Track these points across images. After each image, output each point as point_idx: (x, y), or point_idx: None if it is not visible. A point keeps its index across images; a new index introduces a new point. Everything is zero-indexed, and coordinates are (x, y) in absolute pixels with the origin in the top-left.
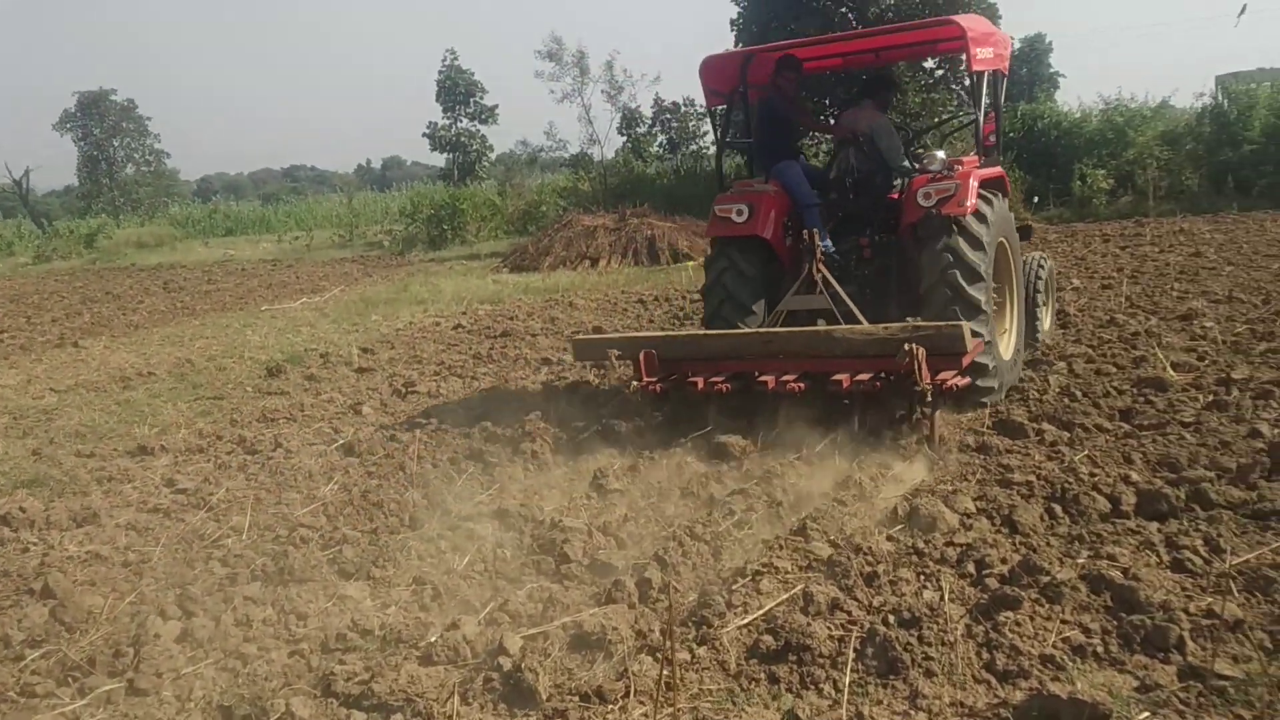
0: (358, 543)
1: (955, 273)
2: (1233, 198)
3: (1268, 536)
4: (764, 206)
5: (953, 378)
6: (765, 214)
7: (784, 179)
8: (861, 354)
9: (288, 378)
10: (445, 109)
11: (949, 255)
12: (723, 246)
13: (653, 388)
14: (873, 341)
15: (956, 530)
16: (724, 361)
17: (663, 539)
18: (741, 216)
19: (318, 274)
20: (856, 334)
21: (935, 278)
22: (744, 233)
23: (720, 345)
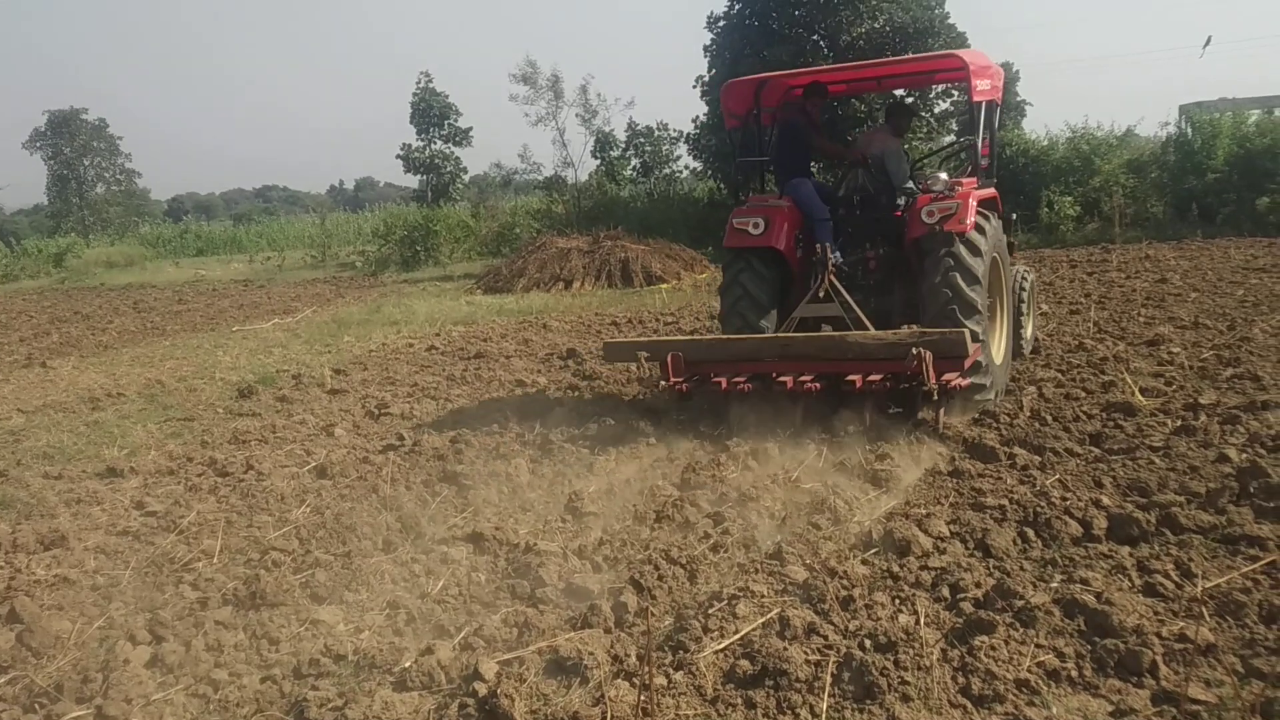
0: (330, 566)
1: (955, 275)
2: (1197, 225)
3: (1237, 561)
4: (778, 220)
5: (956, 379)
6: (779, 227)
7: (797, 195)
8: (872, 357)
9: (259, 399)
10: (419, 131)
11: (950, 260)
12: (739, 256)
13: (679, 387)
14: (883, 346)
15: (931, 554)
16: (745, 363)
17: (639, 562)
18: (757, 229)
19: (290, 294)
20: (869, 339)
21: (937, 279)
22: (759, 244)
23: (742, 348)
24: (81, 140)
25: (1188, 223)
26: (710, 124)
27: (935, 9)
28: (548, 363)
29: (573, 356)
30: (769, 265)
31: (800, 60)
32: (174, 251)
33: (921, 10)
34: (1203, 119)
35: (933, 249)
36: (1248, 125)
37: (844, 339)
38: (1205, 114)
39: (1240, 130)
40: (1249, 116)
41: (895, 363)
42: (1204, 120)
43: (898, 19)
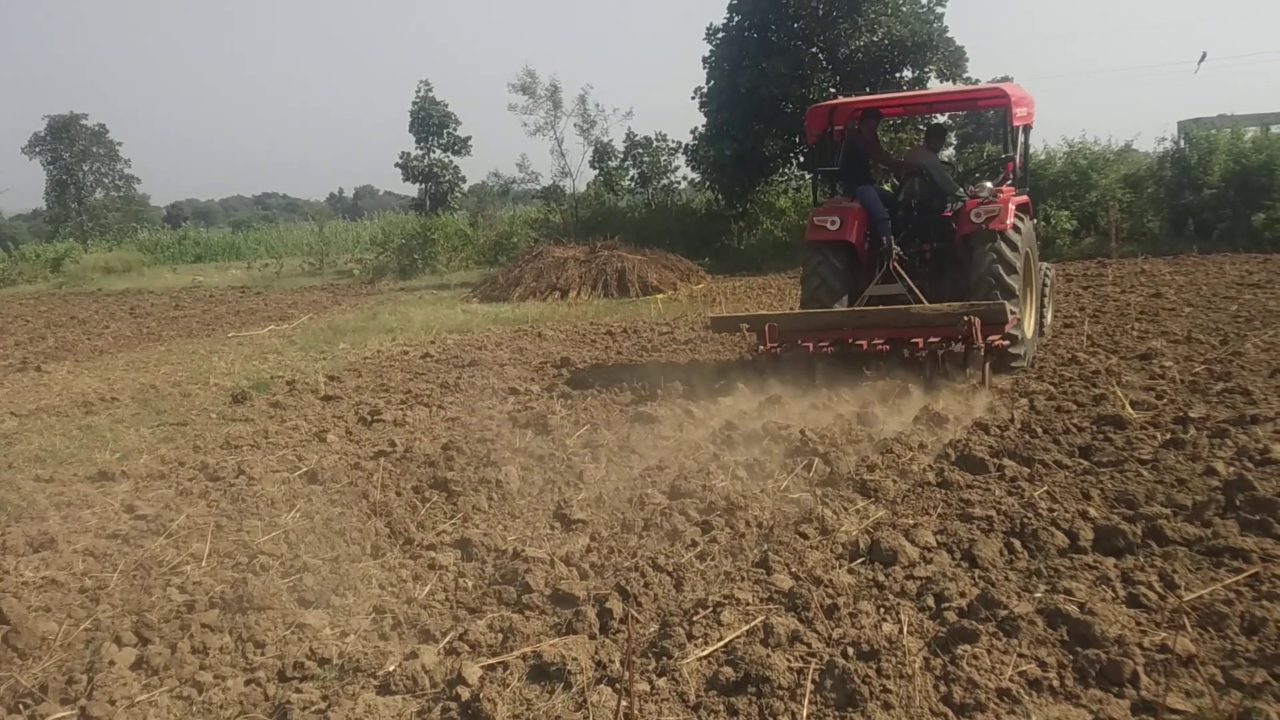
0: (318, 571)
1: (997, 265)
2: (1193, 240)
3: (1221, 573)
4: (850, 218)
5: (998, 339)
6: (851, 224)
7: (864, 199)
8: (931, 325)
9: (253, 404)
10: (418, 140)
11: (993, 253)
12: (817, 248)
13: (774, 351)
14: (940, 315)
15: (917, 563)
16: (828, 331)
17: (625, 570)
18: (834, 225)
19: (286, 301)
20: (928, 310)
21: (983, 269)
22: (835, 238)
23: (826, 320)
24: (81, 145)
25: (1184, 238)
26: (709, 135)
27: (933, 23)
28: (541, 371)
29: (566, 365)
30: (841, 255)
31: (799, 73)
32: (172, 258)
33: (920, 24)
34: (1199, 135)
35: (979, 243)
36: (1244, 142)
37: (909, 310)
38: (1203, 130)
39: (1237, 146)
40: (1245, 133)
41: (949, 328)
42: (1200, 136)
43: (896, 32)
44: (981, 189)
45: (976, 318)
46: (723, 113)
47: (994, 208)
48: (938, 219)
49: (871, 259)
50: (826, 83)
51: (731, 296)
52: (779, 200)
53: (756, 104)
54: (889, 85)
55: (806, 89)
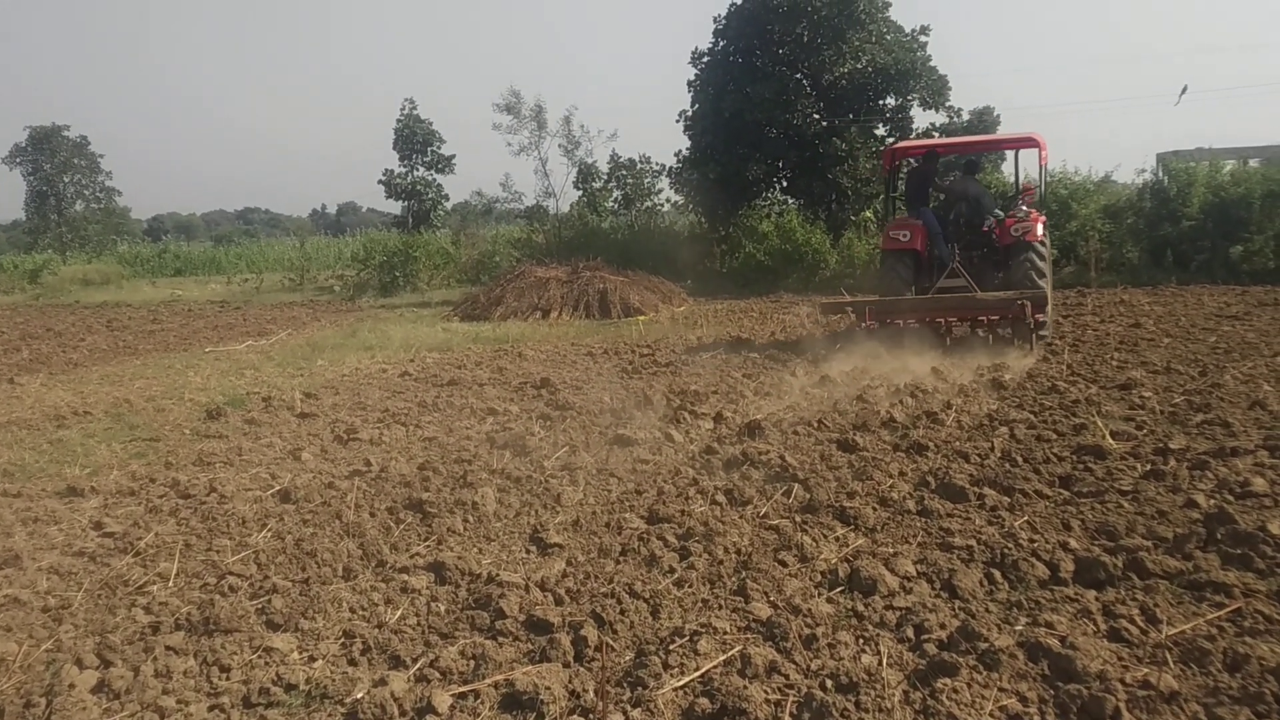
0: (288, 593)
1: (1032, 269)
2: (1171, 271)
3: (1203, 607)
4: (916, 232)
5: (1041, 316)
6: (917, 237)
7: (924, 218)
8: (991, 307)
9: (227, 421)
10: (402, 157)
11: (1028, 260)
12: (892, 254)
13: (870, 326)
14: (999, 300)
15: (896, 593)
16: (914, 312)
17: (601, 596)
18: (905, 238)
19: (265, 317)
20: (990, 297)
21: (1021, 271)
22: (906, 247)
23: (911, 304)
24: (62, 157)
25: (1162, 269)
26: (692, 158)
27: (917, 51)
28: (521, 391)
29: (546, 386)
30: (909, 260)
31: (783, 98)
32: (152, 271)
33: (904, 52)
34: (1178, 167)
35: (1018, 251)
36: (1222, 174)
37: (975, 297)
38: (1181, 162)
39: (1215, 179)
40: (1224, 166)
41: (1005, 309)
42: (1179, 168)
43: (880, 60)
44: (1019, 211)
45: (1028, 301)
46: (706, 136)
47: (1028, 224)
48: (979, 233)
49: (930, 262)
50: (810, 109)
51: (714, 319)
52: (761, 224)
53: (740, 128)
54: (872, 112)
55: (790, 114)
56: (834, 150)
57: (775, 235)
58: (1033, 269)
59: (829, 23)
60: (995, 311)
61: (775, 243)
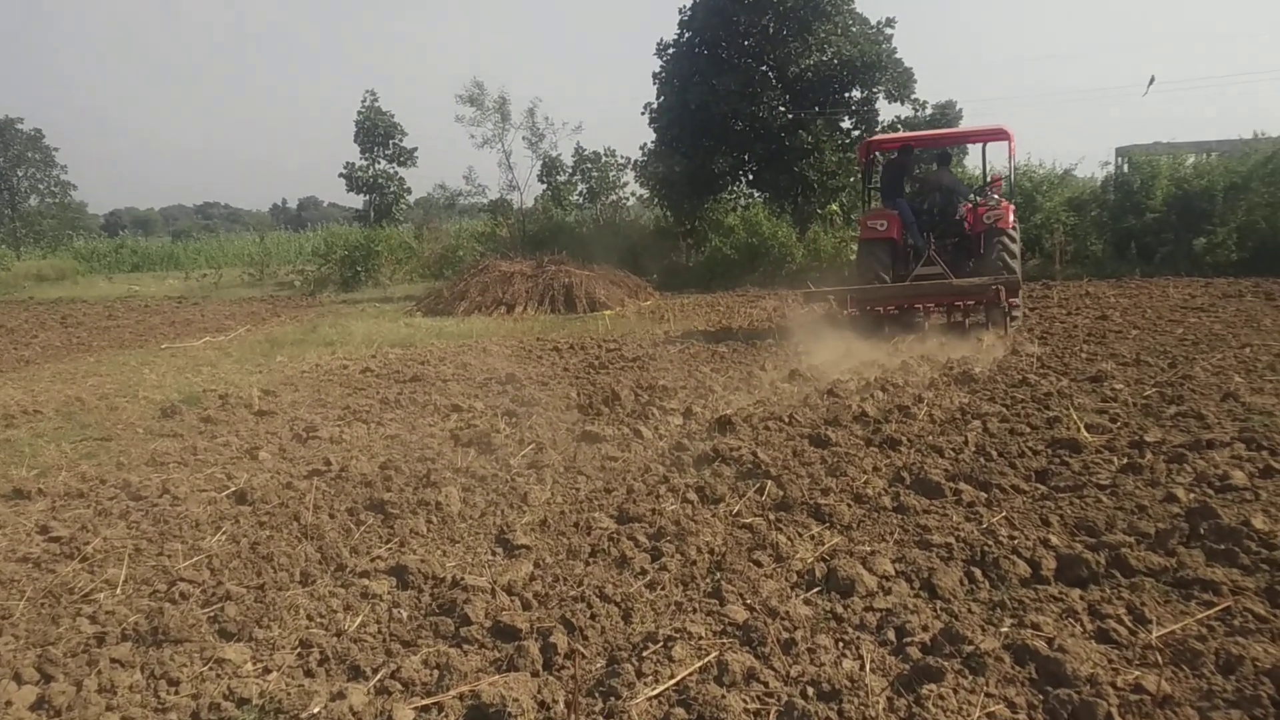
0: (242, 600)
1: (1004, 253)
2: (1135, 263)
3: (1191, 606)
4: (892, 222)
5: (1015, 301)
6: (893, 226)
7: (900, 209)
8: (967, 292)
9: (182, 419)
10: (363, 150)
11: (1000, 244)
12: (869, 243)
13: (852, 314)
14: (975, 286)
15: (875, 593)
16: (893, 299)
17: (571, 600)
18: (882, 227)
19: (224, 312)
20: (965, 283)
21: (993, 255)
22: (882, 236)
23: (890, 291)
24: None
25: (1126, 261)
26: (658, 151)
27: (882, 44)
28: (485, 387)
29: (511, 381)
30: (886, 248)
31: (749, 90)
32: (109, 266)
33: (869, 45)
34: (1142, 159)
35: (990, 238)
36: (1185, 167)
37: (952, 283)
38: (1144, 155)
39: (1178, 172)
40: (1187, 159)
41: (981, 294)
42: (1143, 161)
43: (846, 53)
44: (990, 199)
45: (1002, 287)
46: (672, 129)
47: (999, 212)
48: (952, 221)
49: (905, 251)
50: (776, 101)
51: (680, 313)
52: (727, 218)
53: (706, 121)
54: (838, 105)
55: (756, 107)
56: (800, 143)
57: (741, 229)
58: (1005, 253)
59: (795, 14)
60: (971, 297)
61: (741, 236)
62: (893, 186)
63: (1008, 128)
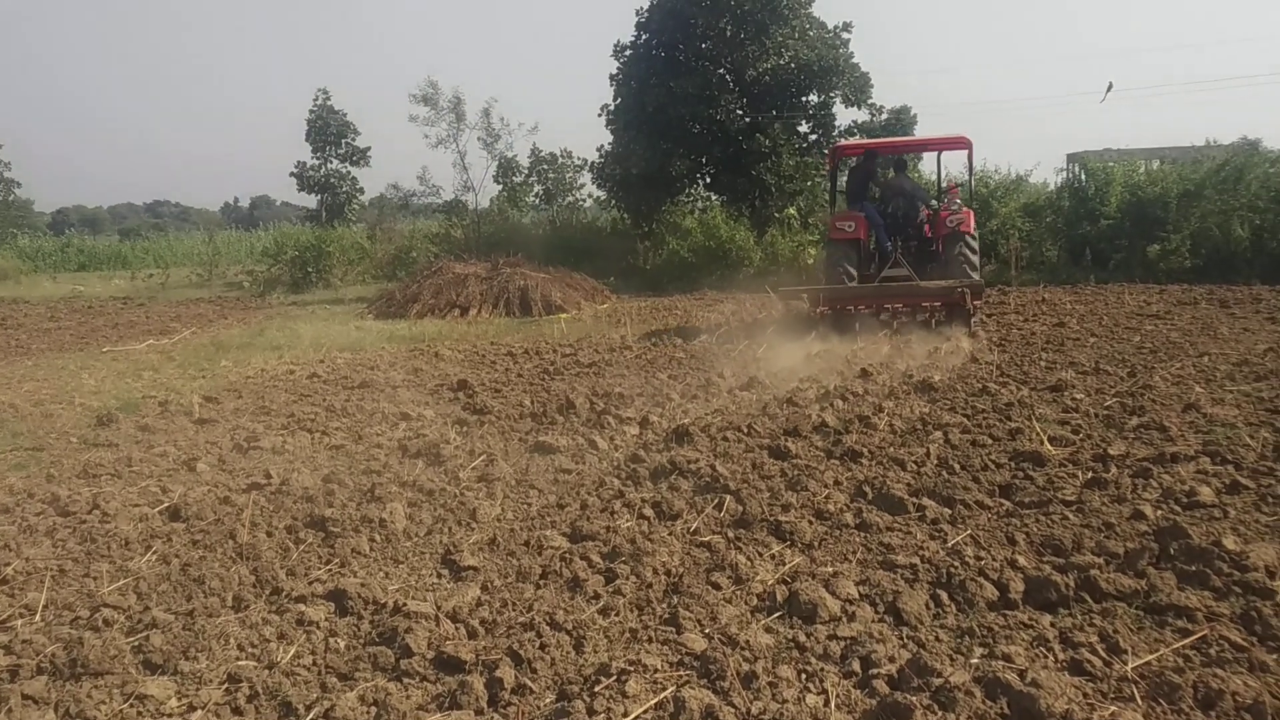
0: (169, 628)
1: (966, 256)
2: (1090, 270)
3: (1166, 634)
4: (859, 224)
5: (979, 304)
6: (860, 228)
7: (866, 212)
8: (933, 294)
9: (119, 428)
10: (315, 149)
11: (963, 246)
12: (837, 244)
13: (822, 312)
14: (940, 288)
15: (839, 619)
16: (863, 299)
17: (519, 628)
18: (850, 228)
19: (170, 314)
20: (932, 285)
21: (956, 257)
22: (850, 237)
23: (862, 290)
24: None
25: (1081, 267)
26: (615, 153)
27: (840, 49)
28: (437, 394)
29: (464, 388)
30: (854, 249)
31: (706, 93)
32: (54, 266)
33: (826, 49)
34: (1096, 166)
35: (952, 241)
36: (1139, 174)
37: (920, 285)
38: (1099, 162)
39: (1132, 179)
40: (1139, 165)
41: (947, 297)
42: (1098, 167)
43: (803, 56)
44: (952, 204)
45: (968, 289)
46: (629, 131)
47: (961, 217)
48: (915, 225)
49: (870, 252)
50: (734, 104)
51: (637, 317)
52: (685, 220)
53: (664, 123)
54: (795, 109)
55: (713, 110)
56: (758, 146)
57: (699, 232)
58: (967, 256)
59: (752, 17)
60: (937, 298)
61: (699, 239)
62: (858, 190)
63: (968, 137)
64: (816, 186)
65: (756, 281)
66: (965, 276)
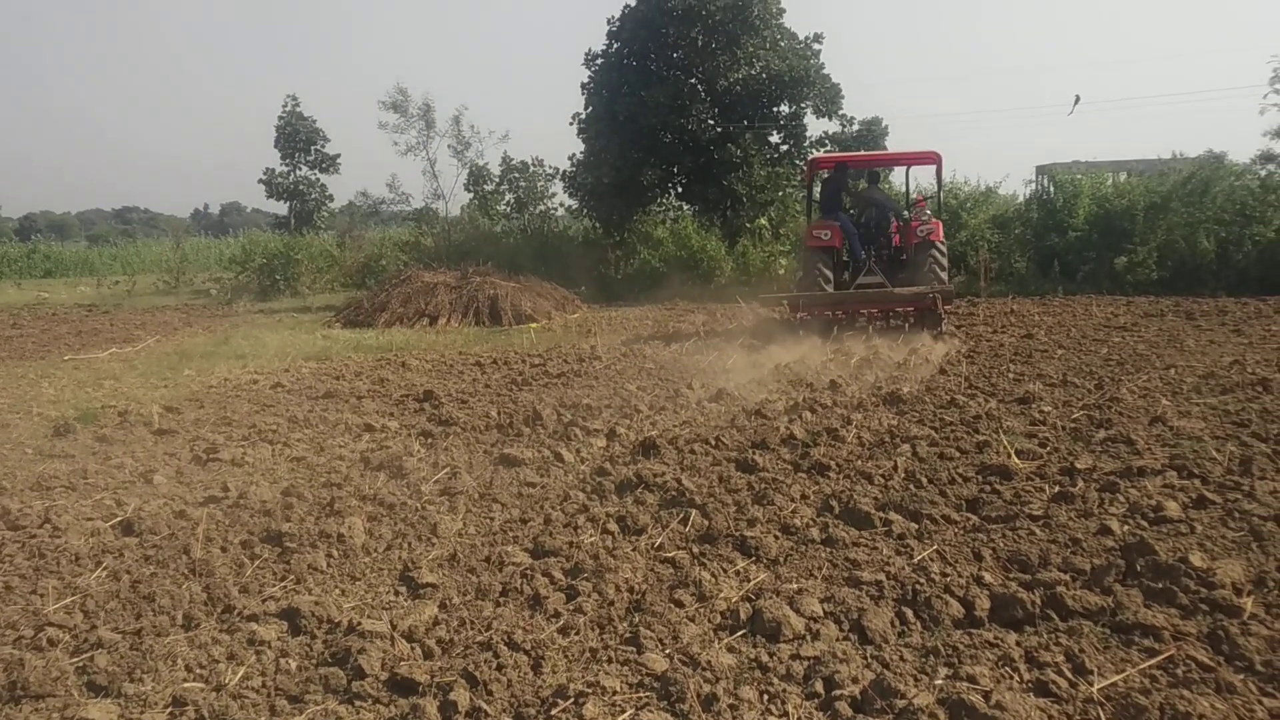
0: (115, 648)
1: (936, 264)
2: (1058, 281)
3: (1132, 653)
4: (834, 232)
5: (949, 309)
6: (836, 236)
7: (840, 222)
8: (906, 300)
9: (76, 438)
10: (284, 156)
11: (933, 255)
12: (814, 250)
13: (801, 317)
14: (913, 294)
15: (803, 637)
16: (839, 305)
17: (476, 647)
18: (827, 236)
19: (135, 322)
20: (905, 291)
21: (926, 264)
22: (827, 245)
23: (838, 297)
24: None
25: (1049, 279)
26: (587, 162)
27: (810, 59)
28: (402, 405)
29: (429, 399)
30: (830, 255)
31: (678, 103)
32: (18, 272)
33: (798, 59)
34: (1064, 179)
35: (924, 249)
36: (1106, 187)
37: (894, 291)
38: (1067, 175)
39: (1100, 191)
40: (1106, 178)
41: (919, 302)
42: (1066, 180)
43: (774, 67)
44: (922, 214)
45: (939, 295)
46: (601, 140)
47: (930, 227)
48: (886, 234)
49: (845, 260)
50: (705, 114)
51: (608, 326)
52: (656, 230)
53: (635, 132)
54: (767, 119)
55: (685, 119)
56: (729, 156)
57: (670, 241)
58: (936, 264)
59: (723, 27)
60: (910, 304)
61: (670, 249)
62: (832, 201)
63: (938, 152)
64: (788, 197)
65: (728, 292)
66: (936, 283)
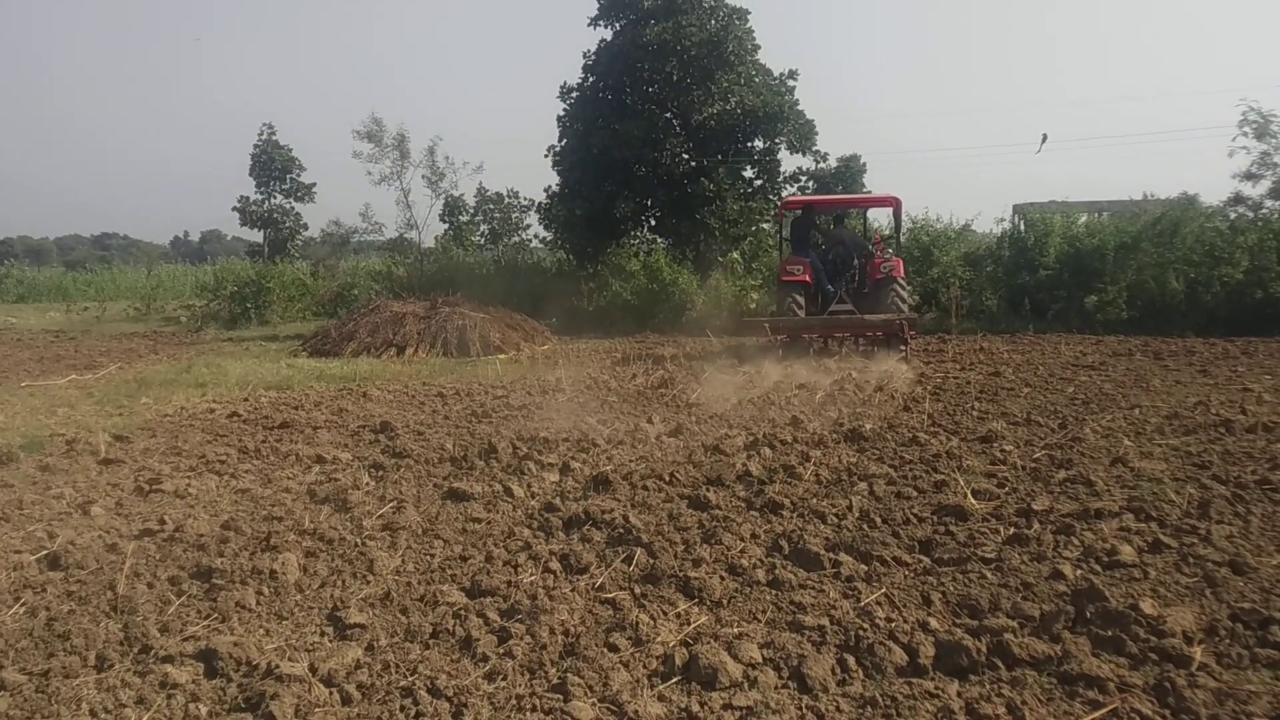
0: (20, 690)
1: (897, 298)
2: (1029, 319)
3: (1075, 705)
4: (805, 268)
5: (914, 335)
6: (807, 271)
7: (810, 259)
8: (876, 326)
9: (18, 467)
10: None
11: (895, 290)
12: (787, 284)
13: (781, 340)
14: (883, 321)
15: (739, 685)
16: (815, 330)
17: (397, 694)
18: (799, 271)
19: (100, 348)
20: (875, 318)
21: (889, 297)
22: (799, 280)
23: (815, 322)
24: None
25: (1020, 317)
26: (561, 194)
27: (785, 95)
28: (357, 436)
29: (385, 430)
30: (802, 289)
31: (652, 136)
32: None
33: (772, 95)
34: (1036, 217)
35: (886, 284)
36: (1078, 225)
37: (864, 318)
38: (1039, 213)
39: (1071, 230)
40: (1079, 217)
41: (888, 328)
42: (1037, 218)
43: (749, 102)
44: (884, 253)
45: (906, 322)
46: (575, 172)
47: (892, 263)
48: (852, 270)
49: (816, 293)
50: (679, 148)
51: (576, 359)
52: (629, 263)
53: (609, 165)
54: (741, 154)
55: (659, 153)
56: (702, 190)
57: (643, 274)
58: (898, 297)
59: (698, 63)
60: (880, 329)
61: (642, 282)
62: (801, 240)
63: (897, 196)
64: (761, 231)
65: (698, 325)
66: (899, 312)
